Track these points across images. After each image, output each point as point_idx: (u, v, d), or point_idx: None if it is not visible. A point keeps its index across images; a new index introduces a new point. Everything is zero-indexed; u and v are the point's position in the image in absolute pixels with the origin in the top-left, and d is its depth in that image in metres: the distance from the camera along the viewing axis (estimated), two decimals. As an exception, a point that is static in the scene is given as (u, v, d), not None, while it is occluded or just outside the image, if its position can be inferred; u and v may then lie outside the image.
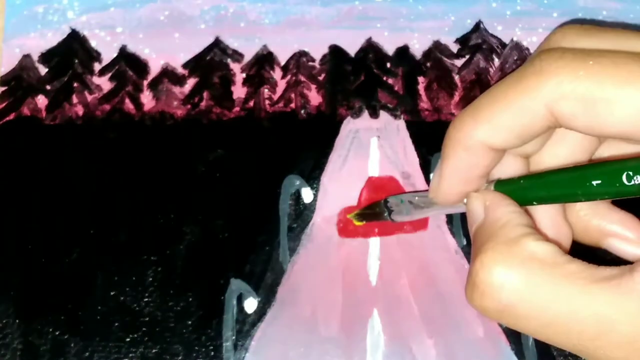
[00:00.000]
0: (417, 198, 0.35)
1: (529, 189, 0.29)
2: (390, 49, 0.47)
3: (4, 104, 0.46)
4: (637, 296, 0.23)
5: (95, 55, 0.47)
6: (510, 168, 0.30)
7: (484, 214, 0.28)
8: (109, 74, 0.47)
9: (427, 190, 0.33)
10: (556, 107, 0.25)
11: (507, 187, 0.29)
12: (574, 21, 0.48)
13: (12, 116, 0.46)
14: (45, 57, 0.47)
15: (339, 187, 0.44)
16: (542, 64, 0.25)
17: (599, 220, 0.31)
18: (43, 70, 0.47)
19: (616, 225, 0.30)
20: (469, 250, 0.43)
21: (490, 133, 0.27)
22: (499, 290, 0.24)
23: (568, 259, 0.24)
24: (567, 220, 0.31)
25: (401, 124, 0.45)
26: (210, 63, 0.47)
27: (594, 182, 0.26)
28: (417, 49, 0.47)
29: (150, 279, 0.42)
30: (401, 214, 0.38)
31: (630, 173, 0.25)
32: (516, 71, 0.27)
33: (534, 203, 0.29)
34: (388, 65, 0.47)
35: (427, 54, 0.47)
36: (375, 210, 0.40)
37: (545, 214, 0.30)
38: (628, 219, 0.31)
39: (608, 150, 0.31)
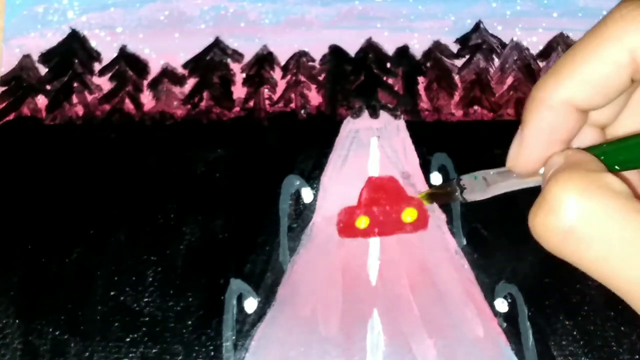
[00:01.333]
0: (492, 173, 0.34)
1: (611, 153, 0.28)
2: (390, 49, 0.47)
3: (4, 104, 0.46)
4: None
5: (95, 55, 0.47)
6: (587, 139, 0.30)
7: (564, 160, 0.27)
8: (109, 74, 0.47)
9: (502, 167, 0.32)
10: (638, 53, 0.25)
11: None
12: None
13: (12, 116, 0.46)
14: (45, 57, 0.47)
15: (339, 187, 0.44)
16: (623, 12, 0.25)
17: None
18: (43, 70, 0.47)
19: None
20: (469, 250, 0.43)
21: (575, 90, 0.26)
22: (569, 211, 0.24)
23: None
24: None
25: (401, 124, 0.45)
26: (210, 63, 0.47)
27: None
28: (417, 49, 0.47)
29: (150, 279, 0.42)
30: (474, 192, 0.36)
31: None
32: (597, 24, 0.26)
33: (617, 167, 0.28)
34: (388, 65, 0.47)
35: (427, 54, 0.47)
36: (447, 190, 0.38)
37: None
38: None
39: None
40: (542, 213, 0.24)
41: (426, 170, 0.44)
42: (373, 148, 0.45)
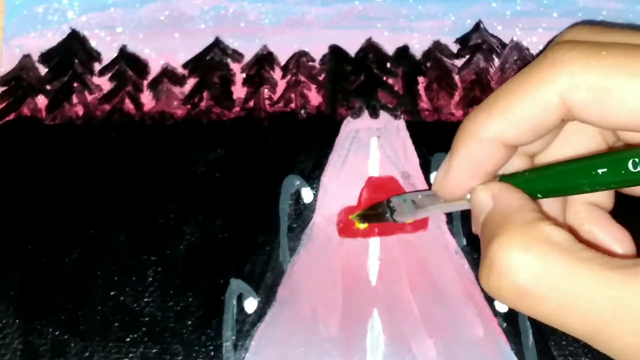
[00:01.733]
0: (420, 197, 0.35)
1: (534, 181, 0.28)
2: (390, 49, 0.47)
3: (4, 104, 0.46)
4: None
5: (95, 55, 0.47)
6: (514, 166, 0.30)
7: (493, 202, 0.28)
8: (109, 74, 0.47)
9: (429, 189, 0.33)
10: (569, 97, 0.25)
11: (511, 180, 0.29)
12: (581, 23, 0.48)
13: (12, 116, 0.46)
14: (45, 57, 0.47)
15: (339, 187, 0.44)
16: (555, 55, 0.26)
17: (592, 227, 0.31)
18: (43, 70, 0.47)
19: (607, 236, 0.30)
20: (469, 250, 0.43)
21: (505, 127, 0.27)
22: (517, 272, 0.24)
23: (583, 247, 0.24)
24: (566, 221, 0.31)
25: (401, 124, 0.45)
26: (210, 63, 0.47)
27: (600, 171, 0.26)
28: (417, 49, 0.47)
29: (150, 279, 0.42)
30: (403, 214, 0.38)
31: (637, 160, 0.25)
32: (530, 64, 0.27)
33: (539, 196, 0.29)
34: (388, 65, 0.47)
35: (427, 54, 0.47)
36: (377, 211, 0.40)
37: (547, 211, 0.30)
38: (621, 233, 0.31)
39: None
40: (492, 277, 0.25)
41: (426, 170, 0.44)
42: (373, 148, 0.45)
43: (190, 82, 0.47)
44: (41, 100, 0.46)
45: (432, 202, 0.34)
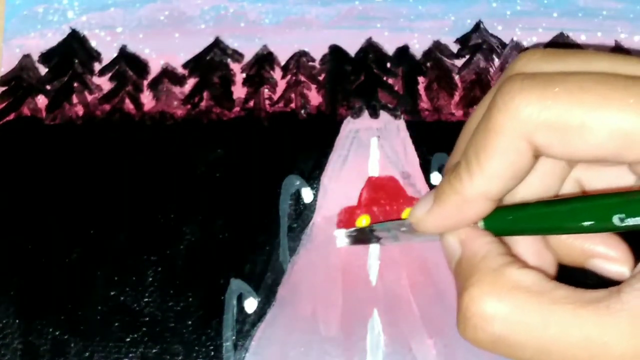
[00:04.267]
0: (402, 229, 0.35)
1: (517, 223, 0.28)
2: (390, 49, 0.47)
3: (4, 104, 0.46)
4: (627, 316, 0.23)
5: (95, 55, 0.47)
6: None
7: (461, 248, 0.28)
8: (109, 74, 0.47)
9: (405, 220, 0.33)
10: (534, 139, 0.25)
11: (493, 220, 0.29)
12: (540, 47, 0.48)
13: (12, 116, 0.46)
14: (45, 57, 0.47)
15: (339, 187, 0.44)
16: (506, 100, 0.25)
17: (582, 242, 0.30)
18: (43, 70, 0.47)
19: (600, 245, 0.30)
20: (469, 250, 0.43)
21: (487, 184, 0.27)
22: (491, 322, 0.25)
23: (554, 285, 0.24)
24: (549, 245, 0.31)
25: (401, 124, 0.45)
26: (210, 63, 0.47)
27: (585, 223, 0.26)
28: (417, 49, 0.47)
29: (150, 279, 0.42)
30: (389, 240, 0.38)
31: (623, 216, 0.25)
32: (486, 114, 0.26)
33: (522, 234, 0.29)
34: (388, 65, 0.47)
35: (427, 54, 0.47)
36: (363, 236, 0.40)
37: (527, 242, 0.30)
38: (610, 238, 0.31)
39: (582, 173, 0.31)
40: (468, 329, 0.26)
41: (426, 170, 0.44)
42: (373, 148, 0.45)
43: (190, 82, 0.47)
44: (41, 100, 0.46)
45: (413, 234, 0.34)
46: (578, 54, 0.27)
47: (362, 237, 0.40)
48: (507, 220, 0.29)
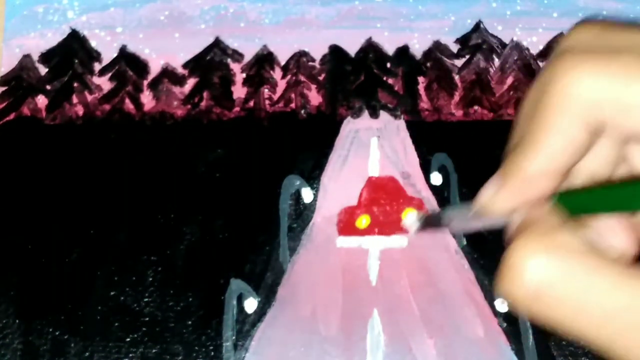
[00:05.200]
0: (471, 215, 0.34)
1: (592, 202, 0.28)
2: (390, 49, 0.47)
3: (4, 104, 0.46)
4: None
5: (95, 55, 0.47)
6: None
7: (522, 215, 0.28)
8: (109, 74, 0.47)
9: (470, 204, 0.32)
10: (594, 114, 0.25)
11: (565, 199, 0.29)
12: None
13: (12, 116, 0.46)
14: (45, 57, 0.47)
15: (339, 187, 0.44)
16: (564, 74, 0.25)
17: None
18: (43, 70, 0.47)
19: None
20: (469, 251, 0.43)
21: (548, 161, 0.27)
22: (532, 276, 0.24)
23: (602, 253, 0.24)
24: (631, 226, 0.31)
25: (401, 124, 0.45)
26: (210, 63, 0.47)
27: None
28: (417, 49, 0.47)
29: (150, 279, 0.42)
30: (459, 224, 0.36)
31: None
32: (543, 90, 0.26)
33: (592, 212, 0.28)
34: (388, 65, 0.47)
35: (427, 54, 0.47)
36: (433, 221, 0.38)
37: (608, 222, 0.30)
38: None
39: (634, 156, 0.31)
40: (509, 281, 0.25)
41: (426, 170, 0.44)
42: (373, 148, 0.45)
43: (190, 82, 0.47)
44: (41, 100, 0.46)
45: (479, 219, 0.34)
46: (631, 27, 0.27)
47: (432, 222, 0.38)
48: (579, 197, 0.28)
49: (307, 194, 0.44)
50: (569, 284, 0.24)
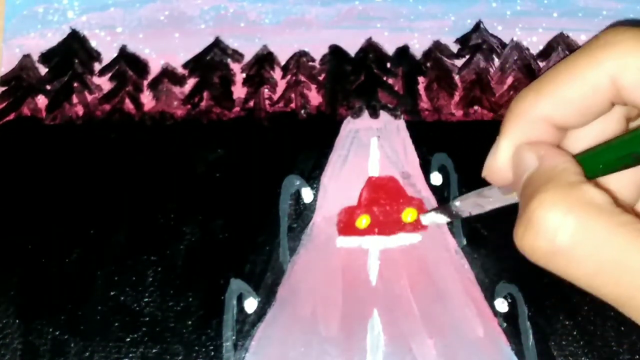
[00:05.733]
0: (484, 192, 0.34)
1: (602, 159, 0.28)
2: (390, 49, 0.47)
3: (4, 104, 0.46)
4: None
5: (95, 55, 0.47)
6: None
7: (538, 162, 0.27)
8: (109, 74, 0.47)
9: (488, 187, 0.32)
10: (619, 78, 0.25)
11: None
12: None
13: (12, 116, 0.46)
14: (45, 57, 0.47)
15: (339, 187, 0.44)
16: (607, 37, 0.26)
17: None
18: (43, 70, 0.47)
19: None
20: (469, 250, 0.43)
21: (554, 107, 0.27)
22: (555, 231, 0.24)
23: (622, 211, 0.24)
24: None
25: (401, 124, 0.45)
26: (210, 63, 0.47)
27: None
28: (417, 49, 0.47)
29: (150, 279, 0.42)
30: (475, 209, 0.36)
31: None
32: (581, 47, 0.27)
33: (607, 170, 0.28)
34: (388, 65, 0.47)
35: (427, 54, 0.47)
36: (447, 213, 0.38)
37: (624, 180, 0.30)
38: None
39: None
40: (529, 235, 0.25)
41: (426, 170, 0.44)
42: (373, 148, 0.45)
43: (190, 82, 0.47)
44: (41, 100, 0.46)
45: (495, 197, 0.33)
46: None
47: (447, 214, 0.38)
48: (587, 159, 0.28)
49: (307, 194, 0.44)
50: (590, 243, 0.24)
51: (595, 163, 0.27)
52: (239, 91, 0.46)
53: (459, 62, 0.47)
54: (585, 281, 0.24)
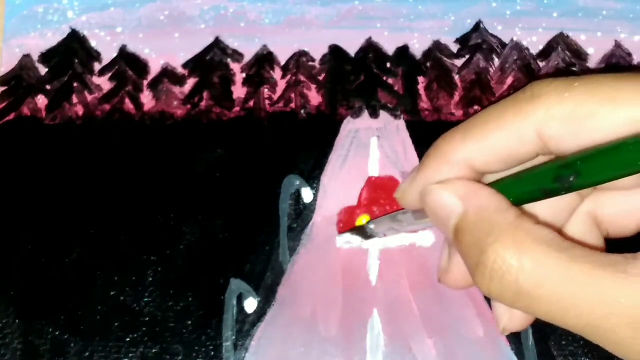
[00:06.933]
0: (397, 218, 0.36)
1: (509, 187, 0.28)
2: (390, 49, 0.47)
3: (4, 104, 0.46)
4: None
5: (95, 55, 0.47)
6: None
7: (463, 204, 0.28)
8: (109, 74, 0.47)
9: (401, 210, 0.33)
10: (545, 130, 0.27)
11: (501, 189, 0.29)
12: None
13: (12, 116, 0.46)
14: (45, 57, 0.47)
15: (339, 187, 0.44)
16: (534, 91, 0.27)
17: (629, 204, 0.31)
18: (43, 70, 0.47)
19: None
20: (469, 250, 0.43)
21: (478, 153, 0.28)
22: (516, 276, 0.25)
23: (572, 244, 0.25)
24: (598, 222, 0.31)
25: (401, 124, 0.45)
26: (210, 63, 0.47)
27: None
28: (417, 49, 0.47)
29: (150, 279, 0.42)
30: (389, 232, 0.38)
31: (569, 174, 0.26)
32: (510, 97, 0.28)
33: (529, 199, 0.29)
34: (388, 65, 0.47)
35: (427, 54, 0.47)
36: (362, 234, 0.40)
37: (577, 222, 0.31)
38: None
39: (593, 203, 0.31)
40: (494, 283, 0.26)
41: (426, 170, 0.44)
42: (373, 148, 0.45)
43: (190, 82, 0.47)
44: (41, 100, 0.46)
45: (408, 221, 0.34)
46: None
47: (362, 235, 0.40)
48: (508, 187, 0.28)
49: (307, 194, 0.44)
50: (549, 281, 0.25)
51: (507, 195, 0.28)
52: (239, 91, 0.46)
53: (459, 62, 0.47)
54: (550, 317, 0.25)
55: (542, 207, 0.30)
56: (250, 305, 0.42)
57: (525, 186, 0.28)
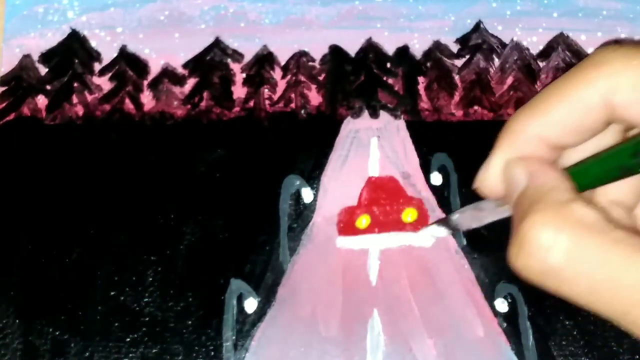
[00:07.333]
0: (481, 204, 0.34)
1: (579, 174, 0.28)
2: (390, 49, 0.47)
3: (4, 104, 0.46)
4: None
5: (95, 55, 0.47)
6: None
7: (527, 180, 0.27)
8: (109, 74, 0.47)
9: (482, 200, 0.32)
10: (611, 97, 0.26)
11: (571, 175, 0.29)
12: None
13: (12, 116, 0.46)
14: (45, 57, 0.47)
15: (339, 187, 0.44)
16: (597, 57, 0.26)
17: None
18: (43, 70, 0.47)
19: None
20: (469, 250, 0.43)
21: (548, 128, 0.27)
22: (547, 252, 0.24)
23: (615, 226, 0.24)
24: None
25: (401, 124, 0.45)
26: (210, 63, 0.47)
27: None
28: (417, 49, 0.47)
29: (150, 279, 0.42)
30: (471, 223, 0.36)
31: None
32: (573, 67, 0.27)
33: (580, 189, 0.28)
34: (388, 65, 0.47)
35: (427, 54, 0.47)
36: (446, 226, 0.38)
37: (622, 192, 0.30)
38: None
39: None
40: (521, 256, 0.25)
41: (426, 170, 0.44)
42: (373, 148, 0.45)
43: (190, 82, 0.47)
44: (41, 100, 0.46)
45: (490, 209, 0.33)
46: None
47: (447, 226, 0.38)
48: (578, 173, 0.28)
49: (307, 194, 0.44)
50: (583, 261, 0.24)
51: (586, 176, 0.28)
52: (239, 91, 0.46)
53: (459, 62, 0.47)
54: (580, 299, 0.25)
55: (618, 187, 0.29)
56: (250, 305, 0.42)
57: (604, 164, 0.27)
